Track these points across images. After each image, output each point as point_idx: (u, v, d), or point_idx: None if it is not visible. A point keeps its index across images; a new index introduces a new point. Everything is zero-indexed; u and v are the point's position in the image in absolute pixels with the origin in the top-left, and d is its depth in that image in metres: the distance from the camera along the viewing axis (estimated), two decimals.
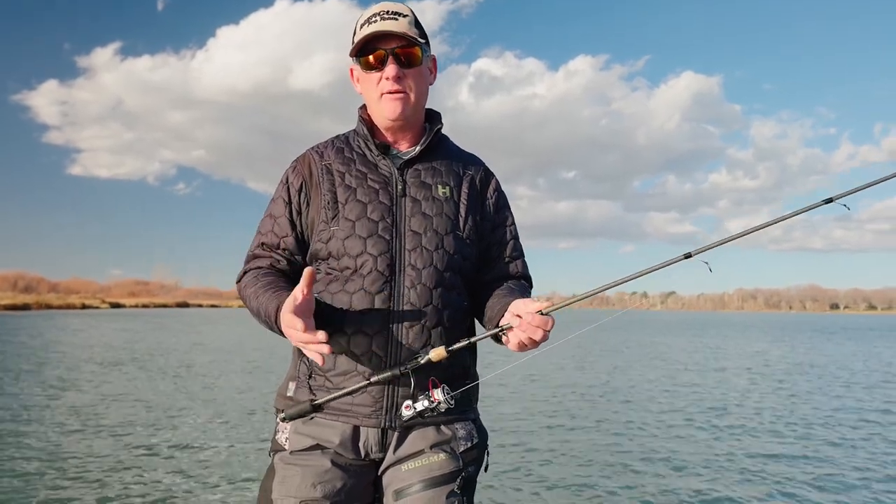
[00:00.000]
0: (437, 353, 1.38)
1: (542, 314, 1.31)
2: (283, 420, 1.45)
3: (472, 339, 1.42)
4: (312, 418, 1.45)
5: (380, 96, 1.48)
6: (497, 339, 1.42)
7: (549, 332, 1.32)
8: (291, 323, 1.25)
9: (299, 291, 1.27)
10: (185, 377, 11.65)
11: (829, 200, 1.52)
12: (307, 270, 1.27)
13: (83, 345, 19.22)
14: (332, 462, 1.42)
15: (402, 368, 1.38)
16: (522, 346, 1.35)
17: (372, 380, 1.39)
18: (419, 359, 1.38)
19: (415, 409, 1.39)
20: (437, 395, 1.39)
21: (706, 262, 1.39)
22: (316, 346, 1.25)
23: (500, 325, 1.39)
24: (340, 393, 1.40)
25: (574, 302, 1.38)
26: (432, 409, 1.39)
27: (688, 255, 1.40)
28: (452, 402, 1.40)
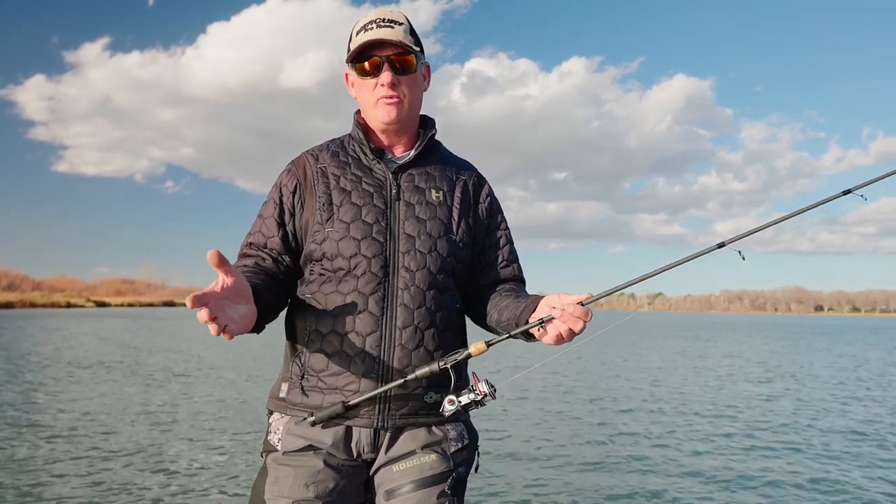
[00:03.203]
0: (476, 347, 1.40)
1: (581, 305, 1.32)
2: (313, 424, 1.43)
3: (513, 333, 1.41)
4: (305, 419, 1.45)
5: (375, 102, 1.51)
6: (527, 335, 1.40)
7: (587, 322, 1.34)
8: (188, 302, 1.16)
9: (218, 282, 1.21)
10: (171, 380, 11.57)
11: (848, 192, 1.55)
12: (209, 253, 1.18)
13: (62, 346, 18.99)
14: (325, 462, 1.43)
15: (440, 364, 1.38)
16: (560, 339, 1.34)
17: (409, 377, 1.39)
18: (458, 355, 1.39)
19: (459, 402, 1.39)
20: (483, 387, 1.39)
21: (739, 251, 1.43)
22: (208, 325, 1.17)
23: (538, 318, 1.36)
24: (373, 393, 1.40)
25: (613, 292, 1.40)
26: (478, 403, 1.39)
27: (721, 245, 1.44)
28: (496, 395, 1.40)
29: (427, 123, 1.63)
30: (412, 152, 1.56)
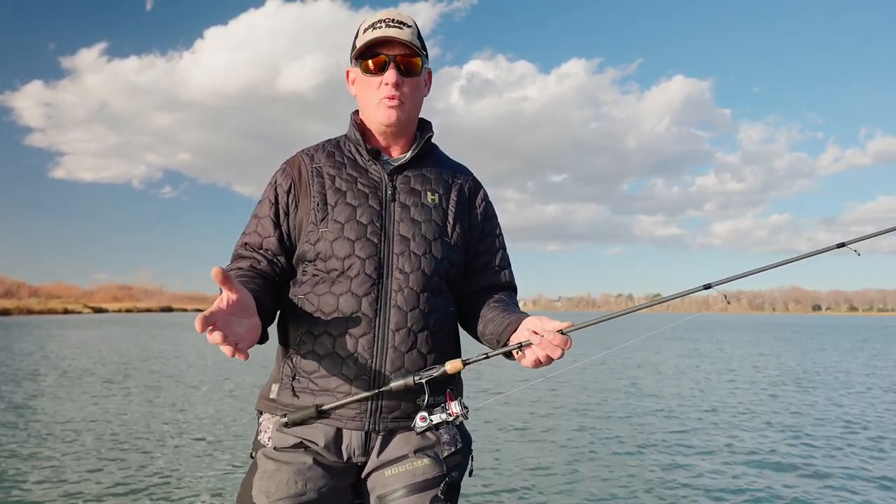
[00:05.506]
0: (453, 365, 1.39)
1: (562, 334, 1.33)
2: (286, 426, 1.43)
3: (490, 354, 1.42)
4: (284, 419, 1.44)
5: (377, 102, 1.50)
6: (506, 354, 1.42)
7: (566, 351, 1.34)
8: (197, 325, 1.13)
9: (223, 298, 1.19)
10: (163, 385, 11.52)
11: (842, 245, 1.60)
12: (213, 271, 1.14)
13: (59, 354, 18.91)
14: (314, 461, 1.42)
15: (415, 378, 1.38)
16: (538, 364, 1.36)
17: (383, 389, 1.38)
18: (434, 371, 1.39)
19: (430, 420, 1.39)
20: (455, 408, 1.40)
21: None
22: (220, 346, 1.16)
23: (517, 342, 1.39)
24: (349, 399, 1.39)
25: (595, 323, 1.41)
26: (449, 422, 1.40)
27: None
28: (468, 416, 1.41)
29: (424, 126, 1.62)
30: (409, 154, 1.55)
